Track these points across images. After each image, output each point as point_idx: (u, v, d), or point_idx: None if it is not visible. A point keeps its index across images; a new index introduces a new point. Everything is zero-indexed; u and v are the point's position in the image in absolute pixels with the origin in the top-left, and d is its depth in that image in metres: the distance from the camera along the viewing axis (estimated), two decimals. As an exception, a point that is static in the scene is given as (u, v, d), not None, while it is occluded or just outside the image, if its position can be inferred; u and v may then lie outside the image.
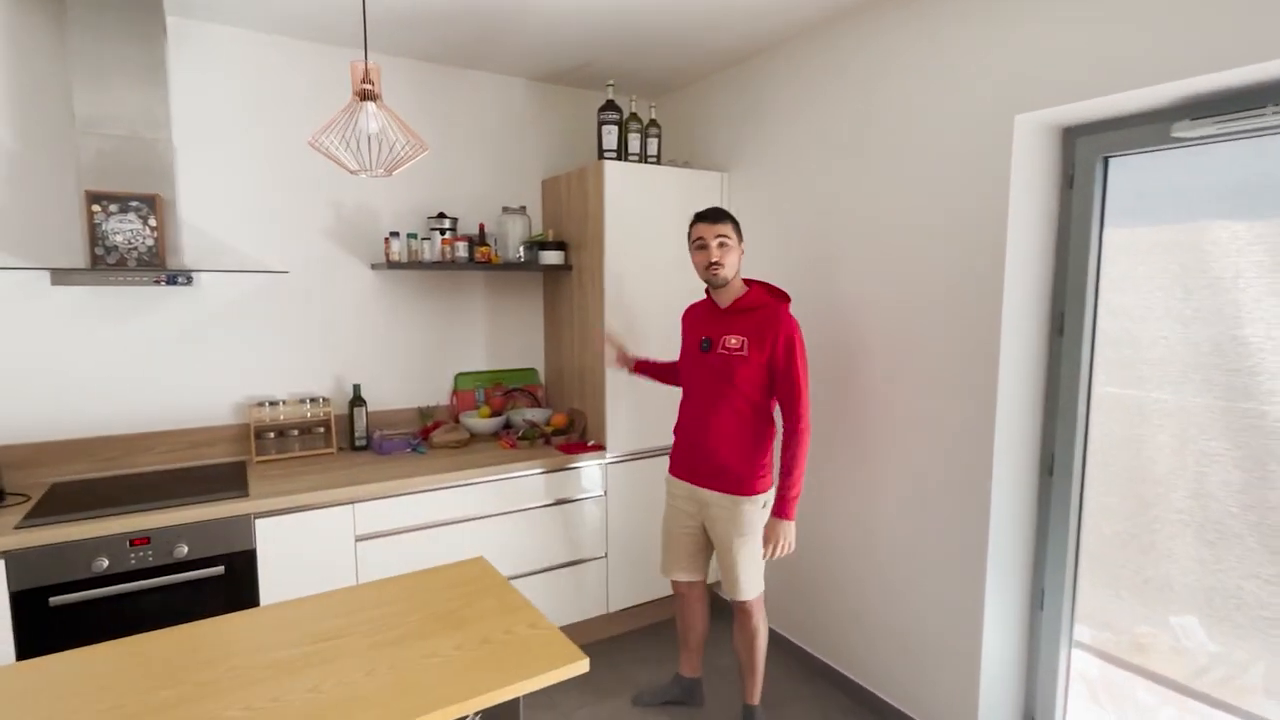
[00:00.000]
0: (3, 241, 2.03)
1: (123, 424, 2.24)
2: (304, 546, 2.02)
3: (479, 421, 2.68)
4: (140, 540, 1.78)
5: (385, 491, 2.12)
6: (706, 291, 2.07)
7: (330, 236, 2.53)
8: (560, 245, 2.74)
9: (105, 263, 1.92)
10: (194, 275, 2.28)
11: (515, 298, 2.96)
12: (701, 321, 2.07)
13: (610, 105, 2.59)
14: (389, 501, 2.14)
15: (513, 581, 2.35)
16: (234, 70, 2.30)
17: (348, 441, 2.55)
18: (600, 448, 2.58)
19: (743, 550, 1.95)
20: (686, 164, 2.78)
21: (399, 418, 2.72)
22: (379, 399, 2.68)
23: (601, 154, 2.60)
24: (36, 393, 2.11)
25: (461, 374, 2.87)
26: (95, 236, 1.90)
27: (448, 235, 2.56)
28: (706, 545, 2.10)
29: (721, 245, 1.91)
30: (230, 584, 1.91)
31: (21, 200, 2.05)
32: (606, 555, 2.62)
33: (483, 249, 2.59)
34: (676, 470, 2.11)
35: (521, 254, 2.71)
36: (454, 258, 2.54)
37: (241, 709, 0.99)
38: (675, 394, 2.17)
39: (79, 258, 2.06)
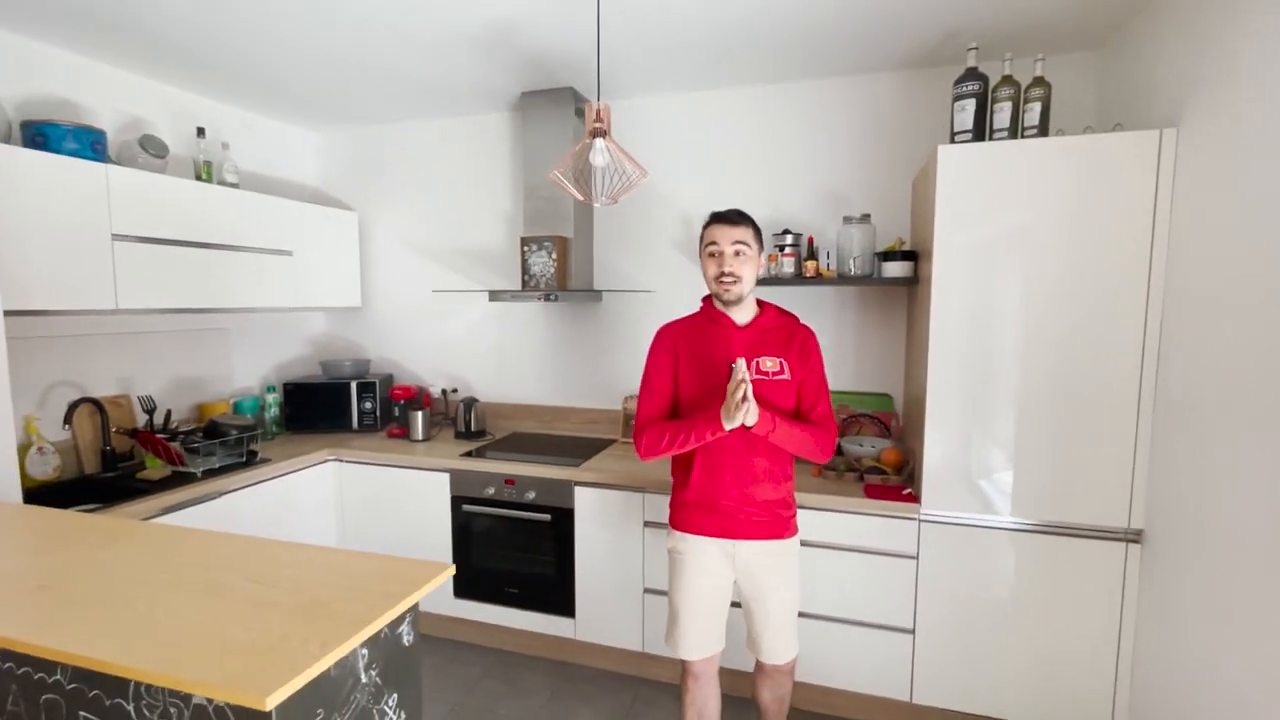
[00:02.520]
0: (497, 270, 3.17)
1: (558, 397, 3.16)
2: (606, 519, 2.43)
3: (803, 442, 2.57)
4: (510, 481, 2.54)
5: (671, 489, 2.33)
6: (706, 307, 1.79)
7: (681, 251, 2.89)
8: (908, 255, 2.34)
9: (528, 286, 2.77)
10: (602, 294, 3.01)
11: (874, 314, 2.67)
12: (711, 344, 1.73)
13: (970, 74, 2.05)
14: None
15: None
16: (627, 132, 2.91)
17: (686, 439, 2.87)
18: (914, 499, 2.11)
19: (790, 603, 1.79)
20: (1088, 130, 1.93)
21: (736, 426, 2.87)
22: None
23: (953, 138, 2.09)
24: (516, 370, 3.20)
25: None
26: (524, 267, 2.77)
27: (787, 250, 2.55)
28: (727, 608, 1.83)
29: (739, 254, 1.65)
30: (555, 531, 2.49)
31: (499, 243, 3.14)
32: (914, 631, 2.13)
33: (809, 263, 2.46)
34: (699, 526, 1.75)
35: (852, 267, 2.44)
36: (778, 274, 2.51)
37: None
38: (1033, 446, 1.61)
39: (515, 282, 3.02)
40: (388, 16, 2.06)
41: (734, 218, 1.67)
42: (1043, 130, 1.98)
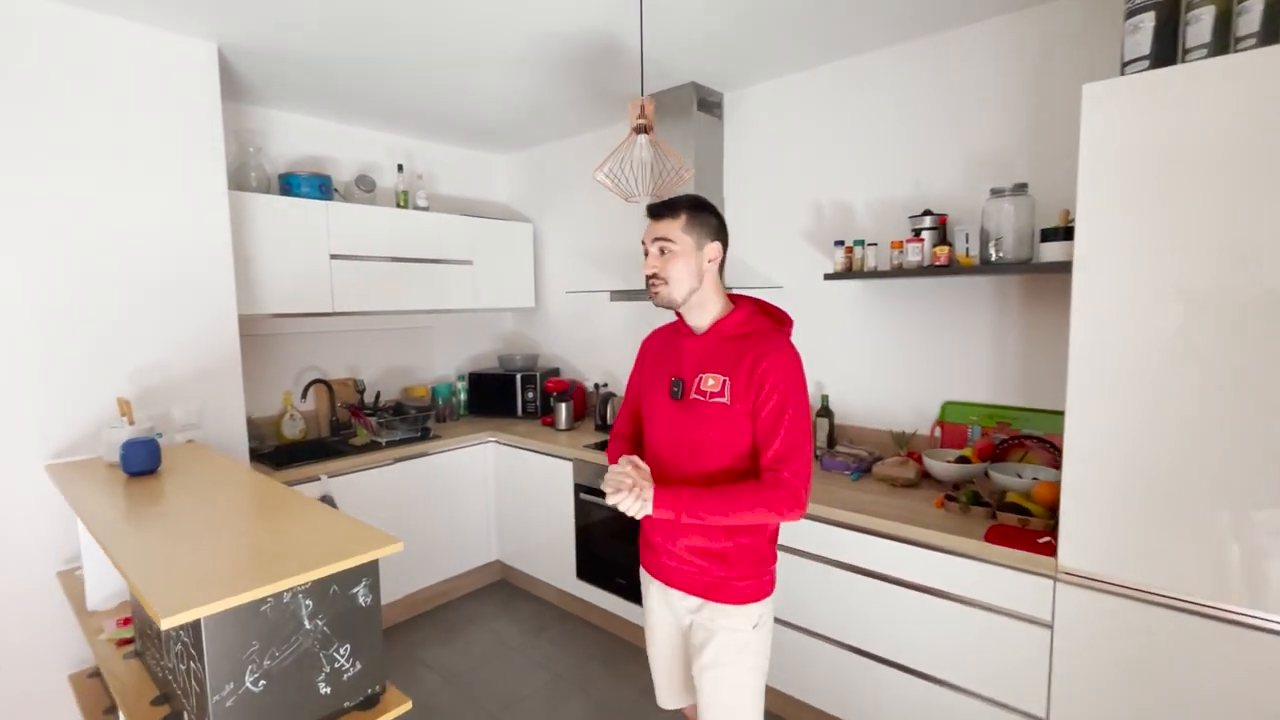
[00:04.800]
0: (617, 272, 3.25)
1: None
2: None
3: (940, 464, 2.16)
4: (618, 474, 2.62)
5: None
6: (678, 315, 1.46)
7: (810, 241, 2.62)
8: (1071, 233, 1.80)
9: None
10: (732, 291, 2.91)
11: (1043, 311, 2.10)
12: (668, 355, 1.47)
13: (1150, -23, 1.49)
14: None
15: (881, 667, 1.93)
16: (755, 124, 2.75)
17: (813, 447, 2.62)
18: (1050, 551, 1.63)
19: (729, 684, 1.38)
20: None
21: (872, 438, 2.52)
22: (851, 413, 2.57)
23: (1123, 68, 1.55)
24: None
25: (951, 403, 2.33)
26: (647, 268, 2.82)
27: (922, 234, 2.16)
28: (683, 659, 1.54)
29: (663, 251, 1.35)
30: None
31: (620, 246, 3.20)
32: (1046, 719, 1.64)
33: (938, 250, 2.04)
34: (644, 559, 1.53)
35: (994, 251, 1.94)
36: (900, 264, 2.14)
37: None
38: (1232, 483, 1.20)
39: (640, 284, 3.06)
40: (549, 58, 2.31)
41: (656, 210, 1.37)
42: (1267, 36, 1.35)
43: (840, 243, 2.36)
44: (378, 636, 1.31)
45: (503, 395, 3.50)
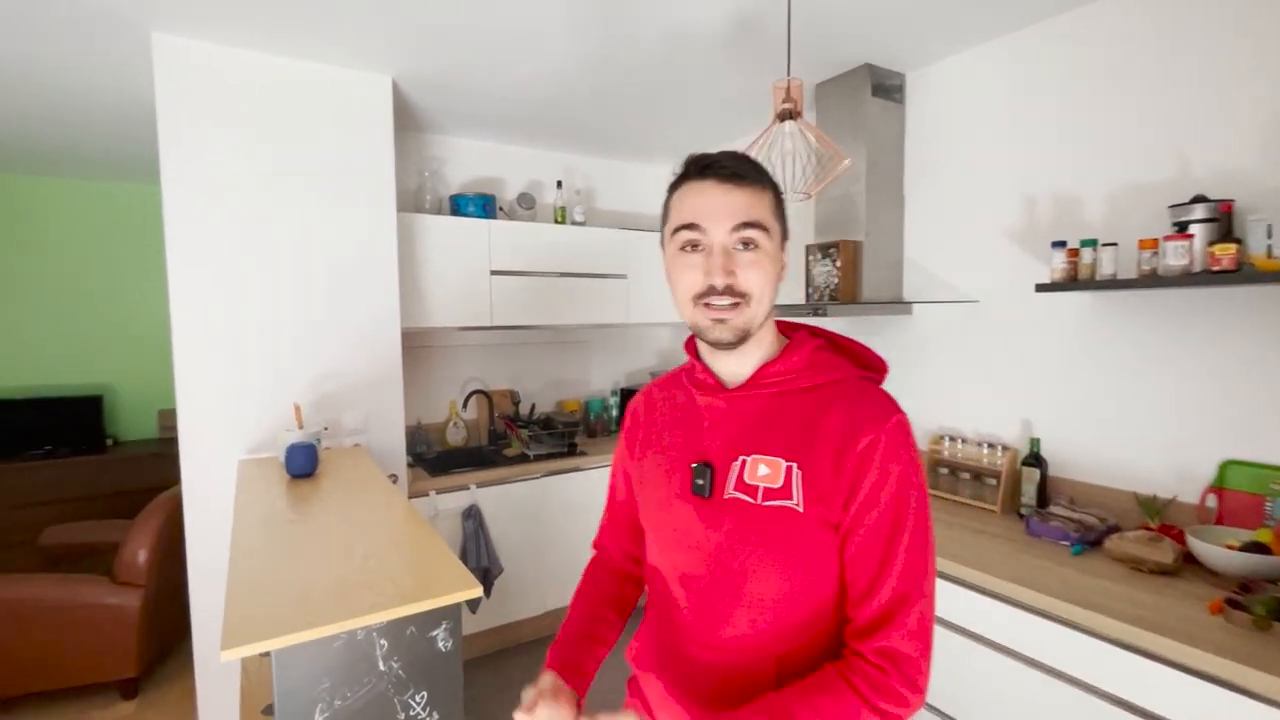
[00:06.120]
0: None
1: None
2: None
3: (1217, 550, 1.55)
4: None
5: (969, 578, 1.68)
6: (692, 357, 0.92)
7: (1017, 242, 2.08)
8: None
9: (810, 299, 2.47)
10: (913, 306, 2.46)
11: None
12: (680, 426, 0.91)
13: None
14: (972, 595, 1.67)
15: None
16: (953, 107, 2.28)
17: (1014, 504, 2.07)
18: None
19: None
20: None
21: (1104, 499, 1.92)
22: (1072, 464, 1.99)
23: None
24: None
25: (1235, 463, 1.67)
26: (808, 279, 2.48)
27: (1190, 229, 1.59)
28: None
29: (749, 245, 0.80)
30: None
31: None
32: None
33: (1218, 249, 1.46)
34: None
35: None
36: (1154, 270, 1.57)
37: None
38: None
39: (799, 296, 2.68)
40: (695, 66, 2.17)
41: (731, 169, 0.80)
42: None
43: (1061, 244, 1.84)
44: (458, 685, 1.20)
45: (654, 413, 3.35)
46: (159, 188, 3.95)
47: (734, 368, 0.86)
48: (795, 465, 0.78)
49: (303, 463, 1.91)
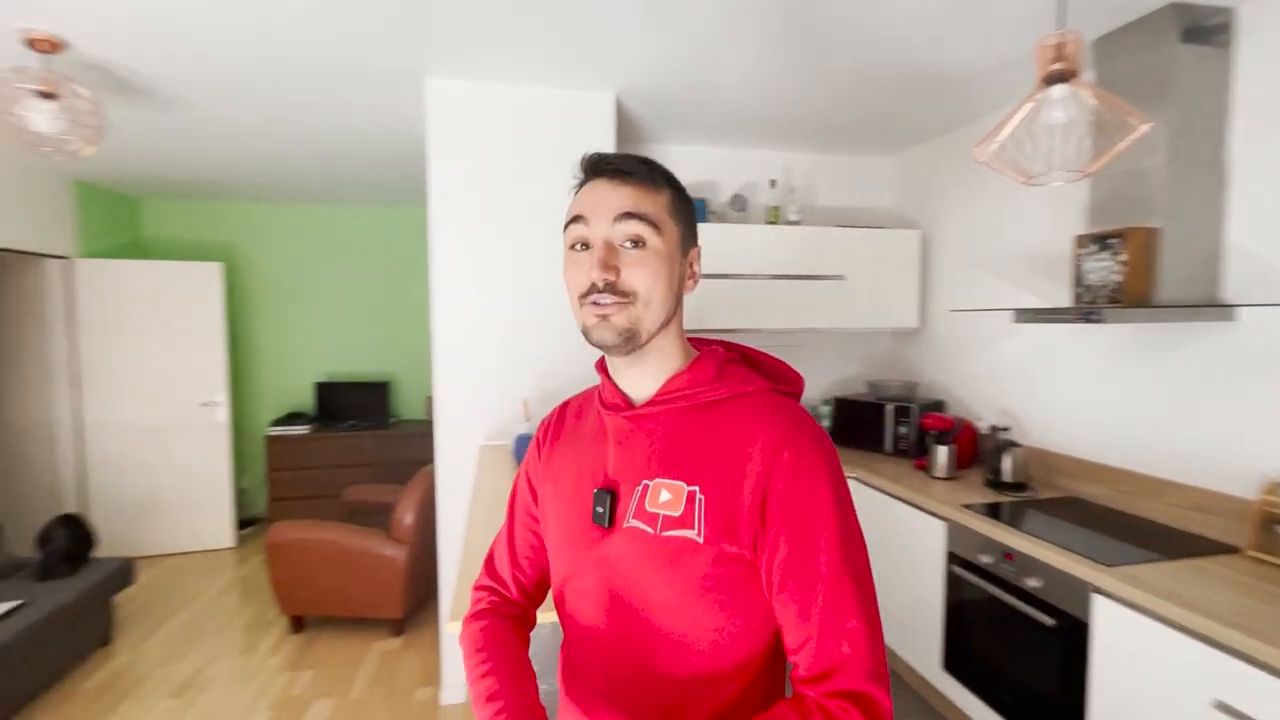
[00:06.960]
0: (1025, 285, 2.40)
1: (1150, 463, 2.18)
2: (1142, 665, 1.55)
3: None
4: (1009, 556, 1.95)
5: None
6: (602, 375, 0.82)
7: None
8: None
9: (1081, 301, 2.03)
10: (1236, 310, 1.90)
11: None
12: (586, 447, 0.81)
13: None
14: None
15: None
16: None
17: None
18: None
19: None
20: None
21: None
22: None
23: None
24: (1092, 415, 2.38)
25: None
26: (1077, 276, 2.04)
27: None
28: None
29: (636, 243, 0.73)
30: (1061, 640, 1.76)
31: (1032, 250, 2.33)
32: None
33: None
34: None
35: None
36: None
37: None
38: None
39: (1065, 298, 2.19)
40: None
41: (617, 166, 0.76)
42: None
43: None
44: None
45: (869, 426, 3.07)
46: (425, 210, 4.66)
47: (639, 383, 0.79)
48: (698, 489, 0.71)
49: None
